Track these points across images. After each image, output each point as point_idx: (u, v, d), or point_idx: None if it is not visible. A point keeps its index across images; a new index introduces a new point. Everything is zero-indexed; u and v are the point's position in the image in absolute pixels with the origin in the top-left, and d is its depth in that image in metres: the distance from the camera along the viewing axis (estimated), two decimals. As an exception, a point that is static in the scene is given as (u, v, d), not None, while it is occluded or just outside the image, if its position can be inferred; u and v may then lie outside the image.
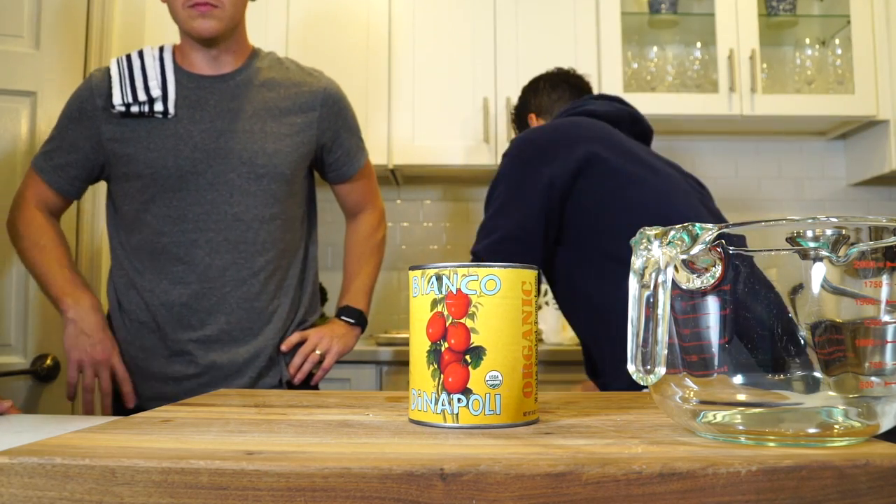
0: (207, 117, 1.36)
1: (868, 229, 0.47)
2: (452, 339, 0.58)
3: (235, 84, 1.40)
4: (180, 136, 1.34)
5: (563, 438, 0.52)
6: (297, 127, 1.42)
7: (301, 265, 1.48)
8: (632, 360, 0.50)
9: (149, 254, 1.36)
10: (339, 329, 1.49)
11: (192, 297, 1.34)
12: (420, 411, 0.59)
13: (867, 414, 0.48)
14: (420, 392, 0.59)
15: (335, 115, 1.47)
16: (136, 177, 1.35)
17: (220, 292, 1.35)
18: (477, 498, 0.41)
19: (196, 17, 1.33)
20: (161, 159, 1.33)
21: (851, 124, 2.50)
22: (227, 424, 0.58)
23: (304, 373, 1.42)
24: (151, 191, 1.34)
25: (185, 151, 1.33)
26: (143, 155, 1.33)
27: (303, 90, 1.44)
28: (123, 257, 1.39)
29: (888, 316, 0.48)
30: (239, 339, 1.37)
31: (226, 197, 1.35)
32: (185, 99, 1.37)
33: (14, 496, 0.42)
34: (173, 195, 1.34)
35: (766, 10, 2.46)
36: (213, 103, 1.37)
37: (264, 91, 1.41)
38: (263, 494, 0.42)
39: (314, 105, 1.44)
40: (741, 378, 0.50)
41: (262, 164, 1.36)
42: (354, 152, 1.53)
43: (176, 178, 1.33)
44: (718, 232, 0.49)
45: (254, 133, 1.37)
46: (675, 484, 0.42)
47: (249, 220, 1.36)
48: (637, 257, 0.51)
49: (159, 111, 1.34)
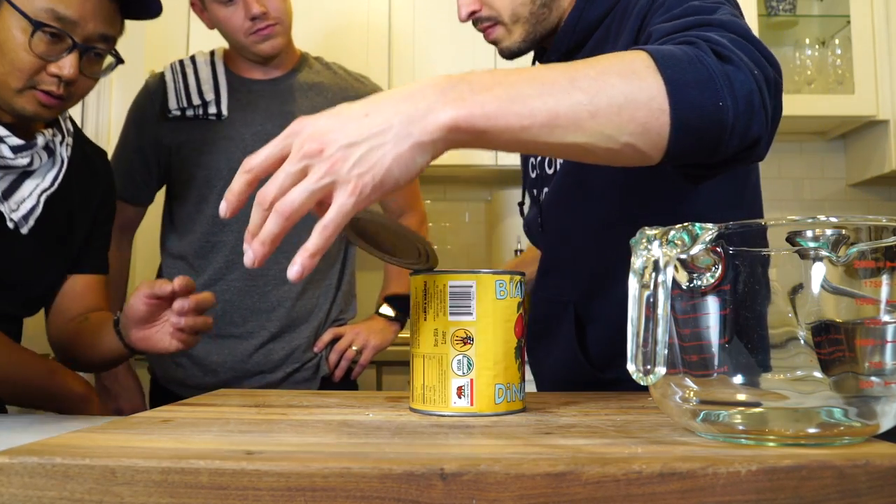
0: (258, 120, 1.39)
1: (868, 229, 0.47)
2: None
3: (285, 88, 1.43)
4: (232, 138, 1.38)
5: (563, 438, 0.52)
6: None
7: (340, 265, 1.51)
8: (632, 359, 0.50)
9: (197, 253, 1.40)
10: (377, 325, 1.53)
11: (236, 295, 1.39)
12: (508, 402, 0.66)
13: (867, 414, 0.48)
14: (508, 385, 0.65)
15: None
16: (191, 179, 1.39)
17: (261, 291, 1.39)
18: (477, 498, 0.41)
19: (260, 41, 1.36)
20: (214, 161, 1.37)
21: (851, 124, 2.50)
22: (227, 424, 0.58)
23: (342, 369, 1.45)
24: (204, 192, 1.39)
25: (237, 153, 1.37)
26: (197, 157, 1.38)
27: (350, 96, 1.47)
28: (174, 255, 1.44)
29: (888, 316, 0.48)
30: (276, 337, 1.40)
31: None
32: (237, 102, 1.40)
33: (14, 496, 0.42)
34: (222, 197, 1.37)
35: (766, 10, 2.46)
36: (264, 106, 1.40)
37: (313, 95, 1.44)
38: (263, 494, 0.42)
39: None
40: (741, 378, 0.50)
41: None
42: None
43: (227, 180, 1.36)
44: (718, 232, 0.49)
45: None
46: (675, 484, 0.42)
47: None
48: (637, 257, 0.51)
49: (213, 113, 1.38)
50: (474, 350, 0.64)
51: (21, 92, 0.92)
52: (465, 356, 0.64)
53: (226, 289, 1.39)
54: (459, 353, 0.64)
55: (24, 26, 0.89)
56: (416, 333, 0.67)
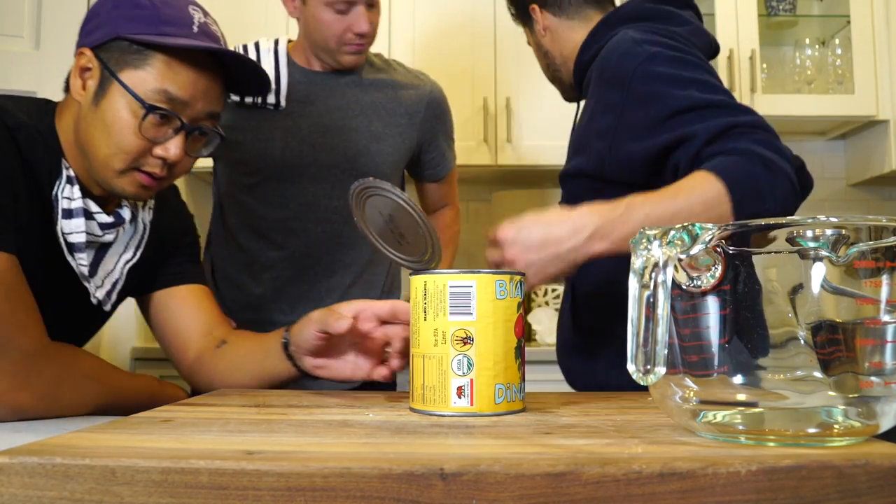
0: (316, 112, 1.40)
1: (868, 229, 0.47)
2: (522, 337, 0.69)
3: (345, 82, 1.43)
4: (289, 128, 1.39)
5: (563, 438, 0.52)
6: (400, 128, 1.46)
7: (388, 264, 1.52)
8: (632, 359, 0.50)
9: (247, 235, 1.43)
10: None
11: (285, 283, 1.41)
12: (508, 402, 0.66)
13: (867, 414, 0.48)
14: (508, 385, 0.65)
15: (436, 118, 1.52)
16: (243, 163, 1.40)
17: (311, 281, 1.41)
18: (477, 498, 0.41)
19: (349, 54, 1.37)
20: (269, 150, 1.38)
21: (851, 124, 2.50)
22: (227, 424, 0.58)
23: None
24: (256, 178, 1.40)
25: (293, 144, 1.38)
26: (252, 144, 1.39)
27: (409, 92, 1.48)
28: (222, 235, 1.47)
29: (888, 316, 0.48)
30: None
31: (327, 190, 1.40)
32: (297, 93, 1.41)
33: (14, 496, 0.42)
34: (277, 184, 1.40)
35: (765, 10, 2.46)
36: (323, 99, 1.41)
37: (372, 91, 1.44)
38: (263, 494, 0.42)
39: (419, 108, 1.48)
40: (741, 378, 0.50)
41: (364, 163, 1.41)
42: (448, 156, 1.59)
43: (281, 168, 1.39)
44: (718, 232, 0.49)
45: (359, 131, 1.41)
46: (675, 484, 0.42)
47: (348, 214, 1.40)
48: (637, 257, 0.51)
49: (271, 103, 1.39)
50: (474, 350, 0.64)
51: (123, 173, 0.88)
52: (465, 356, 0.64)
53: (277, 276, 1.41)
54: (459, 353, 0.64)
55: (135, 109, 0.85)
56: (416, 333, 0.67)
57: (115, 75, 0.86)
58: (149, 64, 0.86)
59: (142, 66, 0.86)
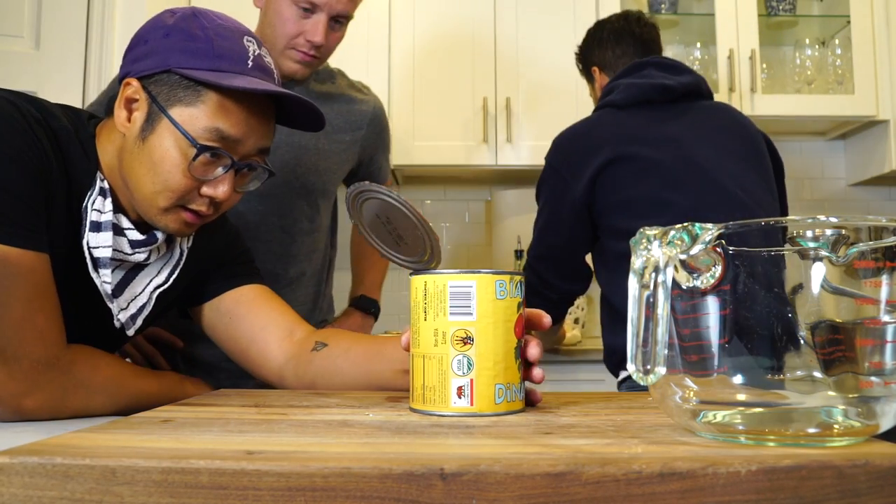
0: None
1: (868, 229, 0.47)
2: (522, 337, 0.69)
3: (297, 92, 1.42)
4: None
5: (563, 438, 0.52)
6: (344, 145, 1.45)
7: (326, 272, 1.53)
8: (632, 359, 0.50)
9: None
10: (356, 321, 1.56)
11: None
12: (508, 402, 0.66)
13: (867, 414, 0.48)
14: (508, 385, 0.66)
15: (377, 134, 1.52)
16: None
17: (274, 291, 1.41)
18: (477, 498, 0.41)
19: (296, 60, 1.31)
20: None
21: (851, 124, 2.50)
22: (227, 424, 0.58)
23: None
24: None
25: None
26: None
27: (353, 108, 1.47)
28: None
29: (888, 316, 0.48)
30: None
31: (274, 209, 1.37)
32: None
33: (14, 496, 0.42)
34: None
35: (765, 10, 2.46)
36: None
37: (320, 104, 1.42)
38: (263, 494, 0.42)
39: (362, 124, 1.47)
40: (741, 378, 0.50)
41: (312, 182, 1.40)
42: (383, 169, 1.59)
43: None
44: (718, 232, 0.49)
45: (307, 149, 1.39)
46: (675, 484, 0.42)
47: (294, 232, 1.41)
48: (637, 257, 0.51)
49: None
50: (474, 350, 0.64)
51: (167, 211, 0.84)
52: (465, 356, 0.64)
53: None
54: (459, 353, 0.64)
55: (185, 147, 0.81)
56: (416, 333, 0.67)
57: (165, 111, 0.82)
58: (201, 101, 0.81)
59: (194, 102, 0.82)
